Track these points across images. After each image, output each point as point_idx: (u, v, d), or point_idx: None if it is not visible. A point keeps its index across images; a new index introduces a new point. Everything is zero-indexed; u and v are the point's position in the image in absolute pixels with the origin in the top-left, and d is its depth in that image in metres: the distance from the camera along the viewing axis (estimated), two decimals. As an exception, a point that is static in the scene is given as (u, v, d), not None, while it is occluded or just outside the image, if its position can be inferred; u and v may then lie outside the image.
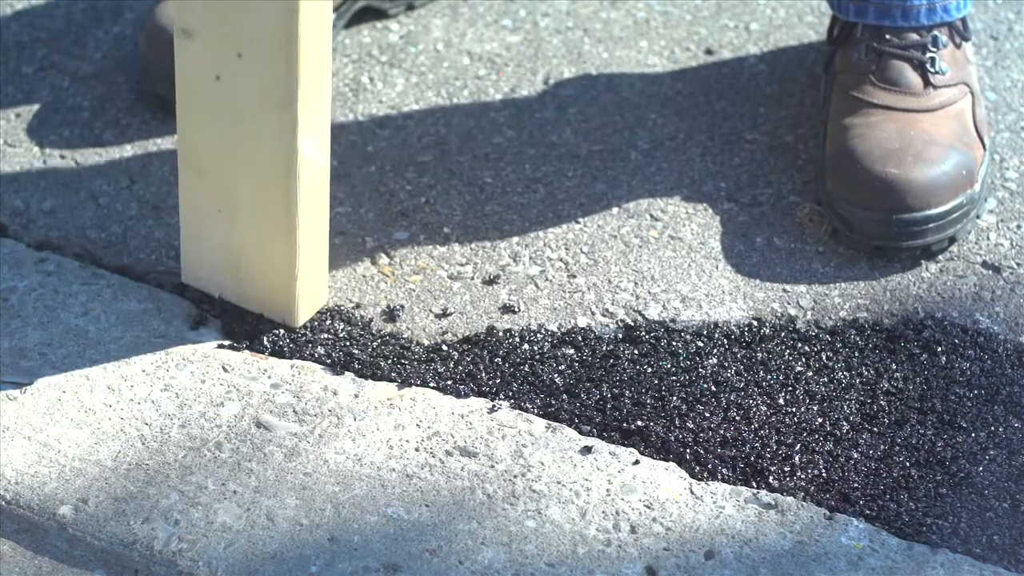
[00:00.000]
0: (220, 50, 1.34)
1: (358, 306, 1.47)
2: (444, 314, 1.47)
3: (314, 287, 1.43)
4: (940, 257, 1.52)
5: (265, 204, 1.38)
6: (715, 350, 1.43)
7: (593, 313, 1.47)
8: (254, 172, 1.37)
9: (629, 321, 1.46)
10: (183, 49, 1.37)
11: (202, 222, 1.43)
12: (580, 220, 1.56)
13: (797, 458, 1.33)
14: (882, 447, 1.34)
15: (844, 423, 1.36)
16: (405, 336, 1.45)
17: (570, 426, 1.35)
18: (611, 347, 1.43)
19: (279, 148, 1.35)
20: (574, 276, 1.50)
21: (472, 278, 1.50)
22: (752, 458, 1.33)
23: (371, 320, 1.46)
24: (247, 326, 1.45)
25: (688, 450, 1.33)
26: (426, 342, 1.44)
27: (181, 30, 1.36)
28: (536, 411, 1.37)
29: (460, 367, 1.41)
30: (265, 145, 1.35)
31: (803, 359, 1.42)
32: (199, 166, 1.40)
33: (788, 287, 1.49)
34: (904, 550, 1.25)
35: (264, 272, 1.41)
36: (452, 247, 1.53)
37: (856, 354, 1.42)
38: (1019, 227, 1.55)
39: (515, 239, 1.54)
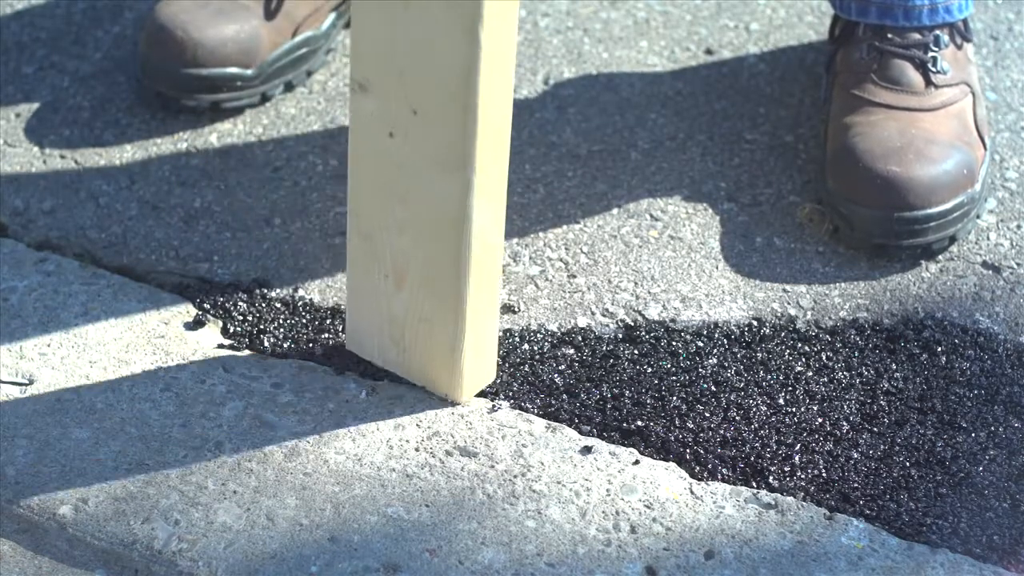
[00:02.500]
0: (395, 106, 1.25)
1: (358, 306, 1.47)
2: (444, 314, 1.47)
3: (481, 362, 1.36)
4: (940, 257, 1.52)
5: (433, 273, 1.30)
6: (715, 350, 1.42)
7: (593, 313, 1.47)
8: (424, 238, 1.29)
9: (629, 321, 1.46)
10: (357, 103, 1.28)
11: (367, 288, 1.35)
12: (580, 220, 1.56)
13: (797, 458, 1.33)
14: (882, 447, 1.34)
15: (844, 423, 1.36)
16: (405, 336, 1.45)
17: (570, 426, 1.35)
18: (611, 347, 1.43)
19: (451, 213, 1.26)
20: (574, 276, 1.50)
21: (472, 278, 1.50)
22: (752, 458, 1.33)
23: (371, 320, 1.46)
24: (248, 326, 1.45)
25: (688, 450, 1.33)
26: (426, 342, 1.44)
27: (357, 83, 1.27)
28: (536, 411, 1.37)
29: (460, 367, 1.41)
30: (437, 209, 1.27)
31: (803, 359, 1.42)
32: (366, 229, 1.33)
33: (788, 287, 1.49)
34: (904, 550, 1.25)
35: (429, 344, 1.34)
36: (452, 247, 1.53)
37: (856, 354, 1.42)
38: (1019, 227, 1.55)
39: (515, 239, 1.54)
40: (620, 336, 1.44)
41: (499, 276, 1.32)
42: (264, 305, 1.47)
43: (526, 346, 1.43)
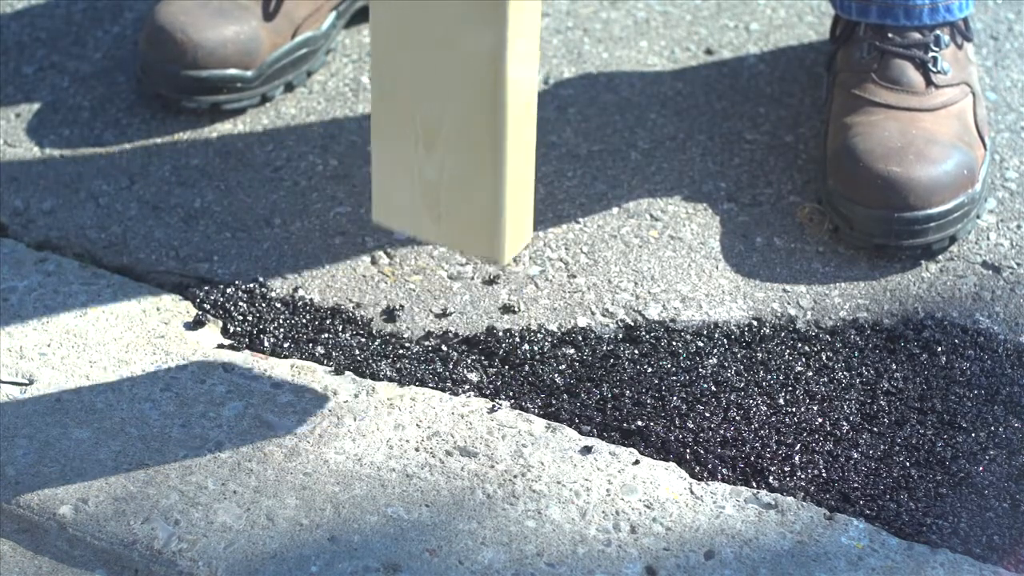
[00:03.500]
0: None
1: (358, 306, 1.47)
2: (444, 314, 1.47)
3: (519, 222, 1.30)
4: (940, 257, 1.52)
5: (468, 132, 1.24)
6: (715, 350, 1.42)
7: (593, 313, 1.47)
8: (456, 98, 1.23)
9: (629, 321, 1.46)
10: None
11: (395, 155, 1.29)
12: (580, 220, 1.56)
13: (797, 458, 1.33)
14: (882, 447, 1.34)
15: (844, 423, 1.36)
16: (405, 336, 1.45)
17: (570, 426, 1.35)
18: (611, 347, 1.43)
19: (486, 69, 1.21)
20: (574, 276, 1.50)
21: (472, 278, 1.50)
22: (752, 458, 1.33)
23: (371, 320, 1.46)
24: (248, 326, 1.45)
25: (688, 450, 1.33)
26: (426, 342, 1.44)
27: None
28: (536, 411, 1.37)
29: (460, 367, 1.41)
30: (469, 67, 1.22)
31: (803, 359, 1.42)
32: (394, 93, 1.27)
33: (788, 287, 1.49)
34: (904, 550, 1.25)
35: (466, 207, 1.27)
36: (452, 247, 1.53)
37: (856, 354, 1.42)
38: (1019, 227, 1.55)
39: (515, 239, 1.54)
40: (620, 336, 1.44)
41: (534, 130, 1.28)
42: (264, 305, 1.47)
43: (526, 346, 1.43)
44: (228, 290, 1.49)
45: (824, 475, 1.32)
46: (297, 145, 1.65)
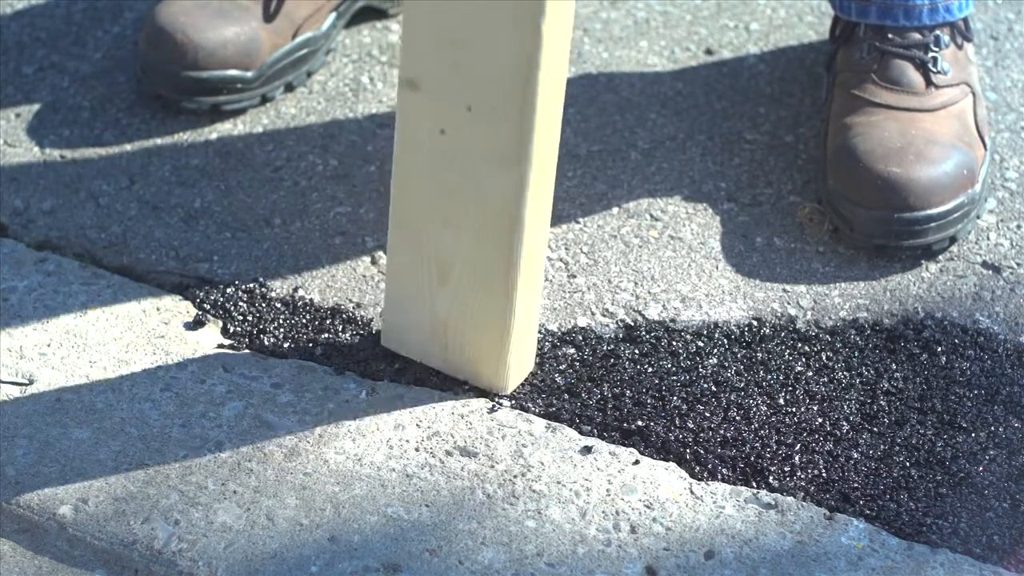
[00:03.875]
0: (448, 103, 1.23)
1: (358, 306, 1.47)
2: (444, 314, 1.47)
3: (523, 355, 1.36)
4: (940, 257, 1.52)
5: (483, 269, 1.29)
6: (715, 350, 1.42)
7: (593, 313, 1.47)
8: (472, 233, 1.28)
9: (629, 321, 1.46)
10: (407, 101, 1.26)
11: (408, 284, 1.34)
12: (580, 220, 1.56)
13: (797, 458, 1.33)
14: (882, 447, 1.34)
15: (844, 423, 1.36)
16: (405, 336, 1.45)
17: (570, 426, 1.35)
18: (611, 347, 1.43)
19: (504, 208, 1.25)
20: (574, 276, 1.50)
21: (472, 278, 1.50)
22: (752, 458, 1.33)
23: (371, 320, 1.46)
24: (248, 326, 1.45)
25: (688, 450, 1.33)
26: (426, 342, 1.44)
27: (407, 81, 1.25)
28: (536, 411, 1.37)
29: (460, 367, 1.41)
30: (488, 204, 1.26)
31: (803, 359, 1.42)
32: (411, 224, 1.31)
33: (788, 287, 1.49)
34: (904, 550, 1.25)
35: (474, 340, 1.33)
36: (452, 247, 1.53)
37: (856, 354, 1.42)
38: (1019, 227, 1.55)
39: (515, 239, 1.54)
40: (620, 336, 1.44)
41: (543, 268, 1.32)
42: (264, 305, 1.47)
43: (526, 346, 1.43)
44: (228, 290, 1.49)
45: (824, 475, 1.32)
46: (297, 145, 1.65)
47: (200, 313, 1.46)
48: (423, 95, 1.25)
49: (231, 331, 1.44)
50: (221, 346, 1.42)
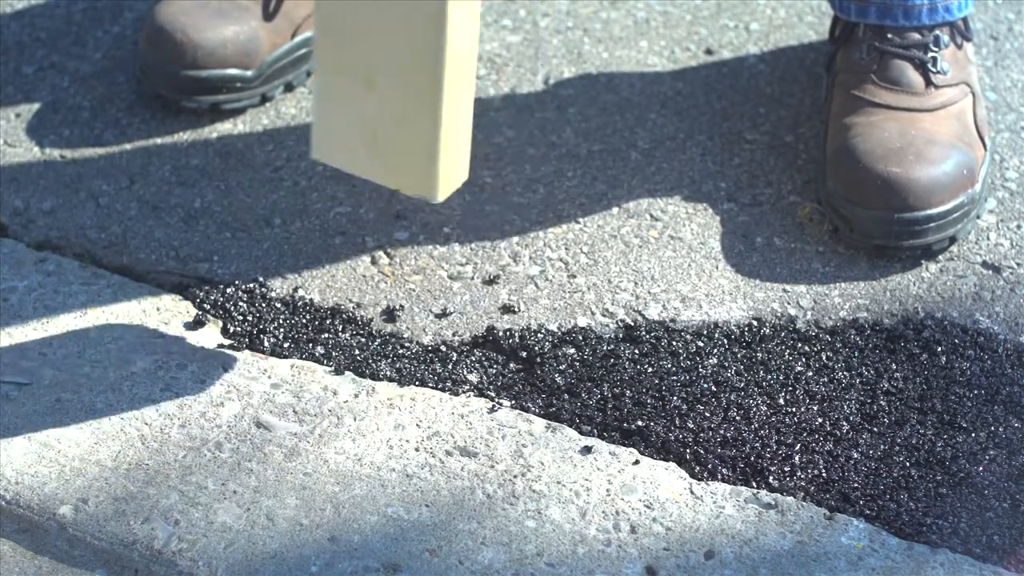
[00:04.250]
0: None
1: (358, 306, 1.47)
2: (444, 314, 1.47)
3: (456, 161, 1.32)
4: (940, 257, 1.52)
5: (409, 73, 1.26)
6: (715, 350, 1.42)
7: (593, 313, 1.47)
8: (399, 38, 1.26)
9: (629, 321, 1.46)
10: None
11: (336, 91, 1.31)
12: (580, 220, 1.56)
13: (797, 458, 1.33)
14: (882, 447, 1.34)
15: (844, 423, 1.36)
16: (405, 336, 1.45)
17: (570, 426, 1.35)
18: (611, 347, 1.43)
19: (427, 13, 1.24)
20: (574, 276, 1.50)
21: (472, 278, 1.50)
22: (752, 458, 1.33)
23: (371, 320, 1.46)
24: (248, 326, 1.45)
25: (688, 450, 1.33)
26: (426, 342, 1.44)
27: None
28: (536, 411, 1.37)
29: (460, 367, 1.41)
30: (413, 10, 1.24)
31: (803, 359, 1.42)
32: (336, 29, 1.29)
33: (788, 287, 1.49)
34: (904, 550, 1.25)
35: (403, 145, 1.30)
36: (452, 247, 1.53)
37: (856, 354, 1.42)
38: (1019, 227, 1.55)
39: (515, 239, 1.54)
40: (620, 336, 1.44)
41: (474, 72, 1.30)
42: (264, 305, 1.47)
43: (526, 346, 1.43)
44: (228, 290, 1.49)
45: (824, 475, 1.32)
46: (297, 145, 1.65)
47: (200, 313, 1.46)
48: None
49: (231, 331, 1.44)
50: (221, 346, 1.42)
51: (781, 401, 1.38)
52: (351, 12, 1.28)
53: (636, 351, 1.42)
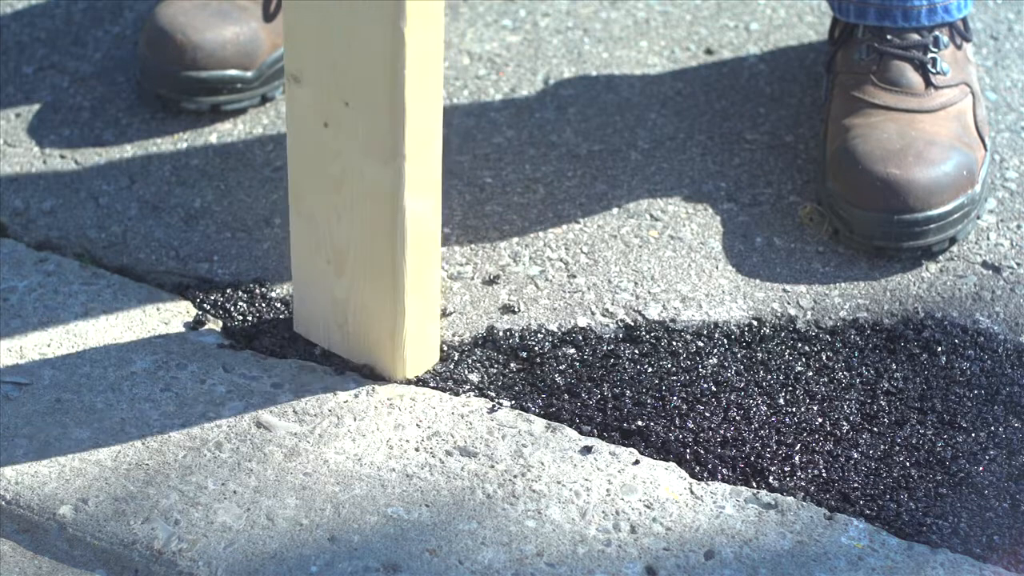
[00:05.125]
0: (328, 97, 1.29)
1: (358, 306, 1.47)
2: (444, 314, 1.47)
3: (422, 345, 1.38)
4: (940, 257, 1.52)
5: (371, 260, 1.33)
6: (715, 350, 1.42)
7: (593, 313, 1.47)
8: (361, 225, 1.32)
9: (629, 321, 1.46)
10: (293, 94, 1.31)
11: (310, 271, 1.38)
12: (580, 220, 1.56)
13: (797, 458, 1.33)
14: (882, 447, 1.34)
15: (844, 423, 1.36)
16: (405, 336, 1.45)
17: (570, 426, 1.35)
18: (611, 347, 1.43)
19: (385, 203, 1.30)
20: (574, 276, 1.50)
21: (472, 278, 1.50)
22: (752, 458, 1.33)
23: (371, 320, 1.46)
24: (248, 326, 1.45)
25: (688, 450, 1.33)
26: (426, 342, 1.44)
27: (291, 75, 1.30)
28: (536, 411, 1.37)
29: (460, 367, 1.41)
30: (372, 199, 1.31)
31: (803, 359, 1.42)
32: (308, 213, 1.36)
33: (788, 287, 1.49)
34: (904, 550, 1.25)
35: (370, 328, 1.37)
36: (452, 247, 1.53)
37: (856, 354, 1.42)
38: (1019, 227, 1.55)
39: (515, 239, 1.54)
40: (620, 336, 1.44)
41: (438, 261, 1.36)
42: (264, 305, 1.47)
43: (526, 346, 1.43)
44: (228, 290, 1.49)
45: (824, 475, 1.32)
46: (297, 145, 1.65)
47: (200, 313, 1.46)
48: (306, 89, 1.30)
49: (231, 331, 1.44)
50: (221, 346, 1.42)
51: (781, 401, 1.38)
52: (321, 195, 1.34)
53: (636, 351, 1.42)
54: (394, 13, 1.22)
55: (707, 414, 1.37)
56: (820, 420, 1.36)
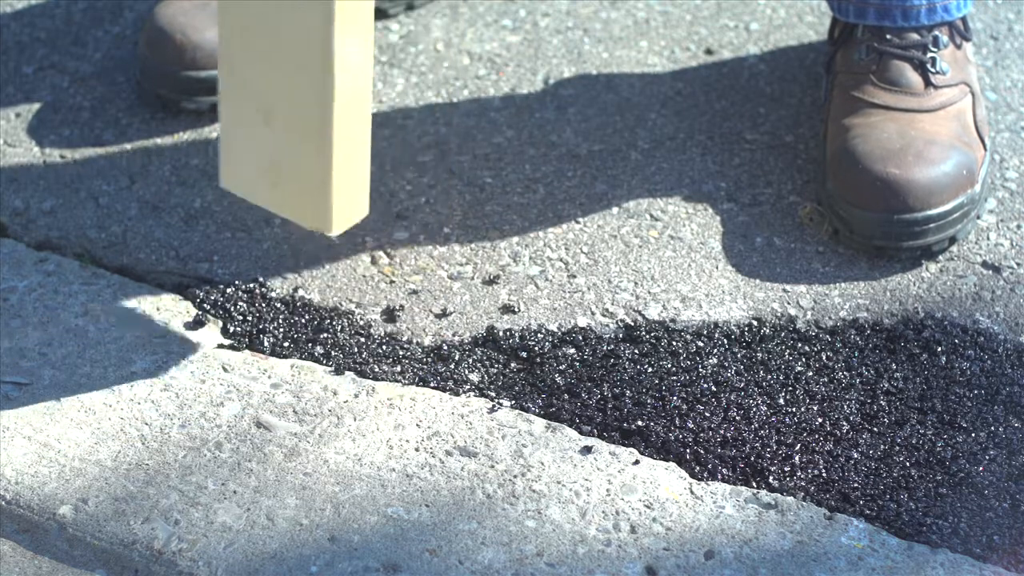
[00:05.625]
0: None
1: (358, 306, 1.47)
2: (444, 314, 1.47)
3: (352, 197, 1.35)
4: (940, 257, 1.52)
5: (300, 107, 1.29)
6: (715, 350, 1.42)
7: (593, 313, 1.47)
8: (289, 72, 1.28)
9: (629, 321, 1.46)
10: None
11: (238, 123, 1.35)
12: (580, 220, 1.56)
13: (797, 458, 1.33)
14: (882, 447, 1.34)
15: (844, 423, 1.36)
16: (405, 336, 1.45)
17: (570, 426, 1.35)
18: (611, 347, 1.43)
19: (314, 46, 1.26)
20: (574, 276, 1.50)
21: (472, 278, 1.50)
22: (752, 458, 1.33)
23: (371, 320, 1.46)
24: (248, 326, 1.45)
25: (688, 450, 1.33)
26: (426, 342, 1.44)
27: None
28: (536, 411, 1.37)
29: (460, 367, 1.41)
30: (300, 43, 1.26)
31: (803, 359, 1.42)
32: (236, 63, 1.32)
33: (788, 287, 1.49)
34: (904, 550, 1.25)
35: (299, 178, 1.33)
36: (452, 247, 1.53)
37: (856, 354, 1.42)
38: (1019, 227, 1.55)
39: (515, 239, 1.54)
40: (620, 336, 1.44)
41: (368, 110, 1.32)
42: (264, 305, 1.47)
43: (526, 346, 1.43)
44: (228, 290, 1.49)
45: (824, 475, 1.32)
46: (297, 145, 1.65)
47: (200, 313, 1.46)
48: None
49: (231, 331, 1.44)
50: (221, 346, 1.42)
51: (781, 401, 1.38)
52: (249, 46, 1.31)
53: (636, 351, 1.42)
54: None
55: (707, 414, 1.37)
56: (820, 420, 1.36)
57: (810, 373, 1.41)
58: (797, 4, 1.83)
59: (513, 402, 1.38)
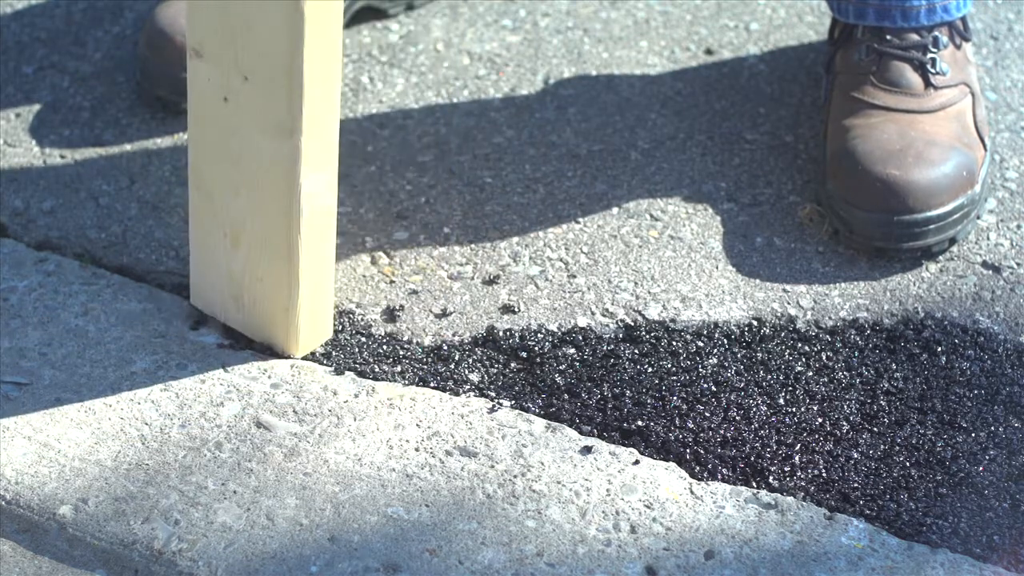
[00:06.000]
0: (228, 72, 1.30)
1: (358, 306, 1.47)
2: (444, 314, 1.47)
3: (316, 321, 1.40)
4: (940, 257, 1.52)
5: (267, 234, 1.35)
6: (715, 350, 1.43)
7: (593, 313, 1.47)
8: (257, 200, 1.34)
9: (629, 321, 1.46)
10: (194, 68, 1.33)
11: (208, 245, 1.40)
12: (580, 220, 1.56)
13: (797, 458, 1.33)
14: (882, 447, 1.34)
15: (844, 423, 1.36)
16: (405, 336, 1.45)
17: (570, 426, 1.35)
18: (611, 347, 1.43)
19: (281, 179, 1.32)
20: (574, 276, 1.50)
21: (472, 278, 1.50)
22: (752, 458, 1.33)
23: (371, 320, 1.46)
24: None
25: (688, 450, 1.33)
26: (426, 342, 1.44)
27: (192, 49, 1.32)
28: (536, 411, 1.37)
29: (460, 367, 1.41)
30: (268, 174, 1.32)
31: (803, 359, 1.42)
32: (206, 188, 1.37)
33: (788, 287, 1.49)
34: (904, 550, 1.25)
35: (265, 302, 1.38)
36: (452, 247, 1.53)
37: (856, 354, 1.42)
38: (1019, 227, 1.55)
39: (515, 239, 1.54)
40: (620, 336, 1.44)
41: (333, 238, 1.37)
42: (264, 305, 1.47)
43: (526, 346, 1.43)
44: (228, 290, 1.49)
45: (824, 475, 1.32)
46: (297, 145, 1.65)
47: (200, 313, 1.46)
48: (207, 64, 1.32)
49: (231, 331, 1.44)
50: (221, 346, 1.42)
51: (781, 401, 1.38)
52: (219, 169, 1.35)
53: (636, 351, 1.42)
54: None
55: (707, 414, 1.37)
56: (820, 420, 1.36)
57: (810, 373, 1.41)
58: (797, 4, 1.83)
59: (513, 402, 1.38)
